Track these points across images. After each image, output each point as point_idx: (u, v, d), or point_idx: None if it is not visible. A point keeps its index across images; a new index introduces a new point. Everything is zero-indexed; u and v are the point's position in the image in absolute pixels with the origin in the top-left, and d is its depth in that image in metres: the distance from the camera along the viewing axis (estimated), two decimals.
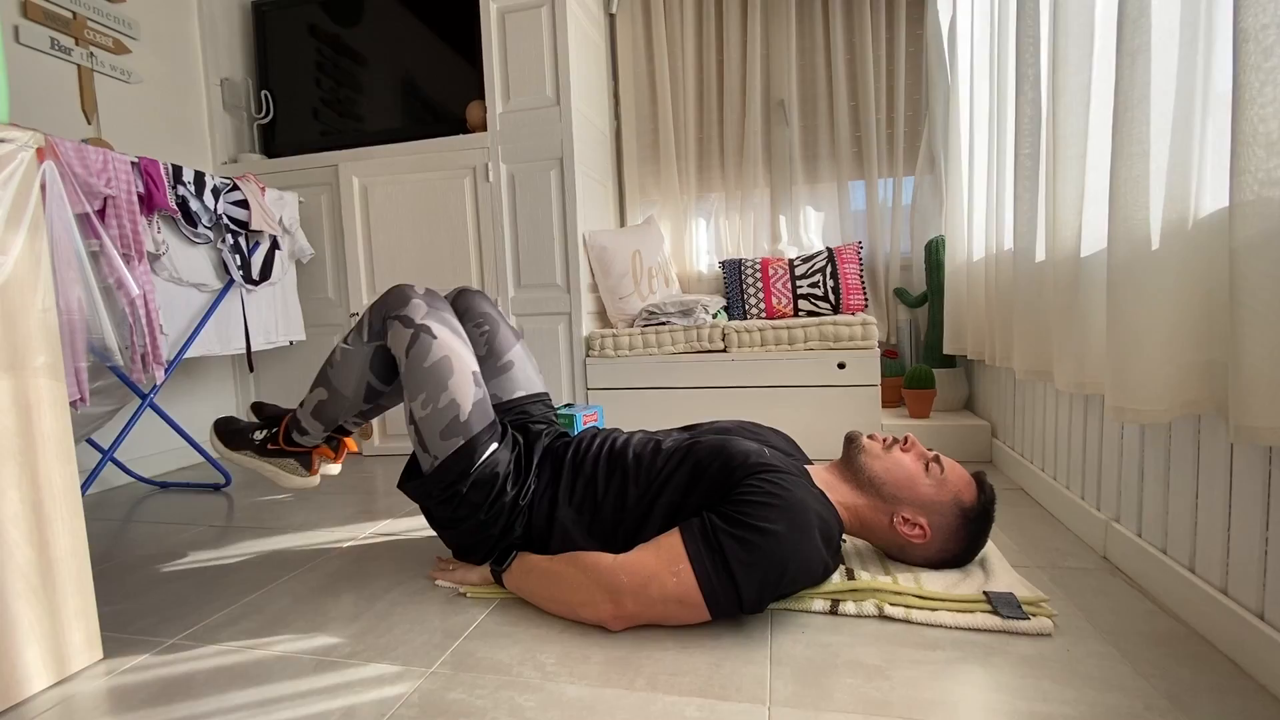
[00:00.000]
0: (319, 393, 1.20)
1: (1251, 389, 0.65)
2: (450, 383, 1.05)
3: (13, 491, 0.82)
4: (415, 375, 1.06)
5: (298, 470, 1.28)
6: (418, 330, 1.07)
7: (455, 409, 1.04)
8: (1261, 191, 0.63)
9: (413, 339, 1.06)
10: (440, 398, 1.04)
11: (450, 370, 1.05)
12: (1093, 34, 1.02)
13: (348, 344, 1.16)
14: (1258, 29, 0.62)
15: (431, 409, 1.04)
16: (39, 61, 1.80)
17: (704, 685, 0.79)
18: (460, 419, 1.04)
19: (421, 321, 1.07)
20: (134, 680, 0.86)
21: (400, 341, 1.08)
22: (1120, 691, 0.76)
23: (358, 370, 1.15)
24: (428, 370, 1.05)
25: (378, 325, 1.12)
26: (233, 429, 1.31)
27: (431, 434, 1.04)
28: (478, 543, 1.07)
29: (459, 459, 1.03)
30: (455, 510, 1.05)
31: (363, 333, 1.15)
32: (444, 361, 1.05)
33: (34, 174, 0.87)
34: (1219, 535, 0.84)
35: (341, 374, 1.16)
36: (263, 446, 1.28)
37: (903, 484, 1.03)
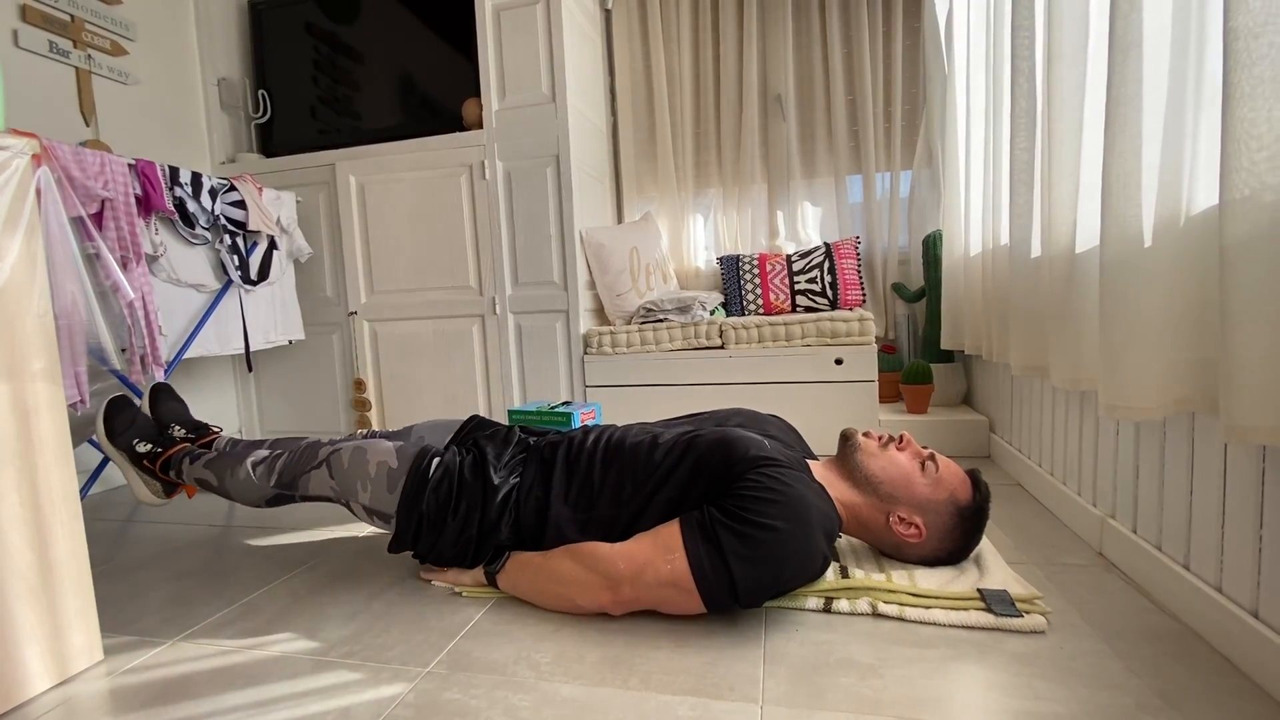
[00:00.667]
0: (209, 477, 1.24)
1: (1242, 389, 0.65)
2: (369, 455, 1.11)
3: (12, 495, 0.83)
4: (345, 481, 1.12)
5: (158, 492, 1.33)
6: (326, 459, 1.14)
7: (385, 466, 1.10)
8: (1252, 191, 0.63)
9: (328, 466, 1.13)
10: (371, 470, 1.10)
11: (364, 450, 1.12)
12: (1087, 28, 1.02)
13: (254, 477, 1.19)
14: (1247, 28, 0.62)
15: (370, 485, 1.10)
16: (38, 65, 1.80)
17: (697, 684, 0.80)
18: (393, 467, 1.09)
19: (326, 453, 1.15)
20: (134, 681, 0.87)
21: (322, 481, 1.14)
22: (1112, 690, 0.76)
23: (255, 498, 1.21)
24: (349, 467, 1.12)
25: (288, 479, 1.17)
26: (119, 424, 1.32)
27: (383, 500, 1.09)
28: (462, 550, 1.08)
29: (412, 485, 1.07)
30: (429, 532, 1.07)
31: (271, 476, 1.19)
32: (356, 451, 1.13)
33: (30, 180, 0.87)
34: (1213, 532, 0.85)
35: (240, 490, 1.21)
36: (139, 460, 1.31)
37: (899, 483, 1.03)
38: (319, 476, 1.14)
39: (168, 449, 1.31)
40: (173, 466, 1.29)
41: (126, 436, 1.31)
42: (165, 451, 1.31)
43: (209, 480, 1.24)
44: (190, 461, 1.28)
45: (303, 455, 1.17)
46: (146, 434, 1.33)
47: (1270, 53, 0.61)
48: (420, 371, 2.21)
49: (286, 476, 1.17)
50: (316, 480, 1.14)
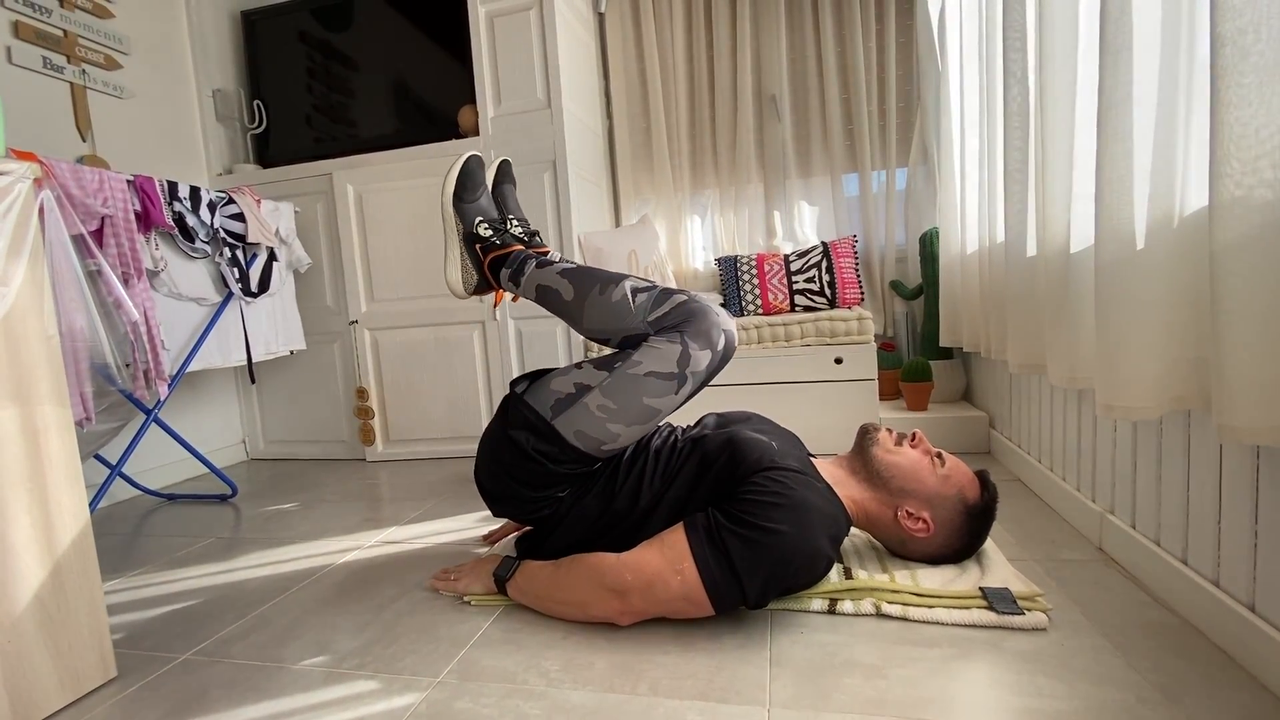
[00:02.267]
0: (565, 289, 1.08)
1: (1234, 390, 0.66)
2: (633, 425, 1.01)
3: (24, 517, 0.84)
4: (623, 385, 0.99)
5: (470, 285, 1.19)
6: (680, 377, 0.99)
7: (613, 438, 1.01)
8: (1240, 194, 0.64)
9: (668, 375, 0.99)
10: (623, 415, 1.00)
11: (650, 416, 1.01)
12: (1077, 30, 1.02)
13: (634, 303, 1.02)
14: (1234, 34, 0.63)
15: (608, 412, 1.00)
16: (32, 81, 1.80)
17: (705, 689, 0.81)
18: (605, 445, 1.02)
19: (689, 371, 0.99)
20: (148, 697, 0.88)
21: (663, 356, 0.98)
22: (1113, 685, 0.77)
23: (614, 325, 1.04)
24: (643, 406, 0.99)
25: (672, 322, 1.00)
26: (470, 187, 1.18)
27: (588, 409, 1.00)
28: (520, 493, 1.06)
29: (584, 449, 1.02)
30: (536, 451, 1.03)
31: (651, 307, 1.02)
32: (654, 414, 1.00)
33: (32, 204, 0.88)
34: (1210, 528, 0.86)
35: (601, 311, 1.04)
36: (473, 241, 1.17)
37: (909, 477, 1.04)
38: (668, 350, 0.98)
39: (506, 246, 1.16)
40: (507, 265, 1.15)
41: (474, 209, 1.18)
42: (503, 248, 1.16)
43: (560, 292, 1.08)
44: (539, 266, 1.12)
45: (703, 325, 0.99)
46: (491, 219, 1.19)
47: (1256, 59, 0.62)
48: (422, 379, 2.22)
49: (673, 319, 1.00)
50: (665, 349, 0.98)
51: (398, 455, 2.27)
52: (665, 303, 1.02)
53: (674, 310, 1.01)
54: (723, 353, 1.00)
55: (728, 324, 1.01)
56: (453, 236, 1.19)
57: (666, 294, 1.03)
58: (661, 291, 1.04)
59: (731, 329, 1.01)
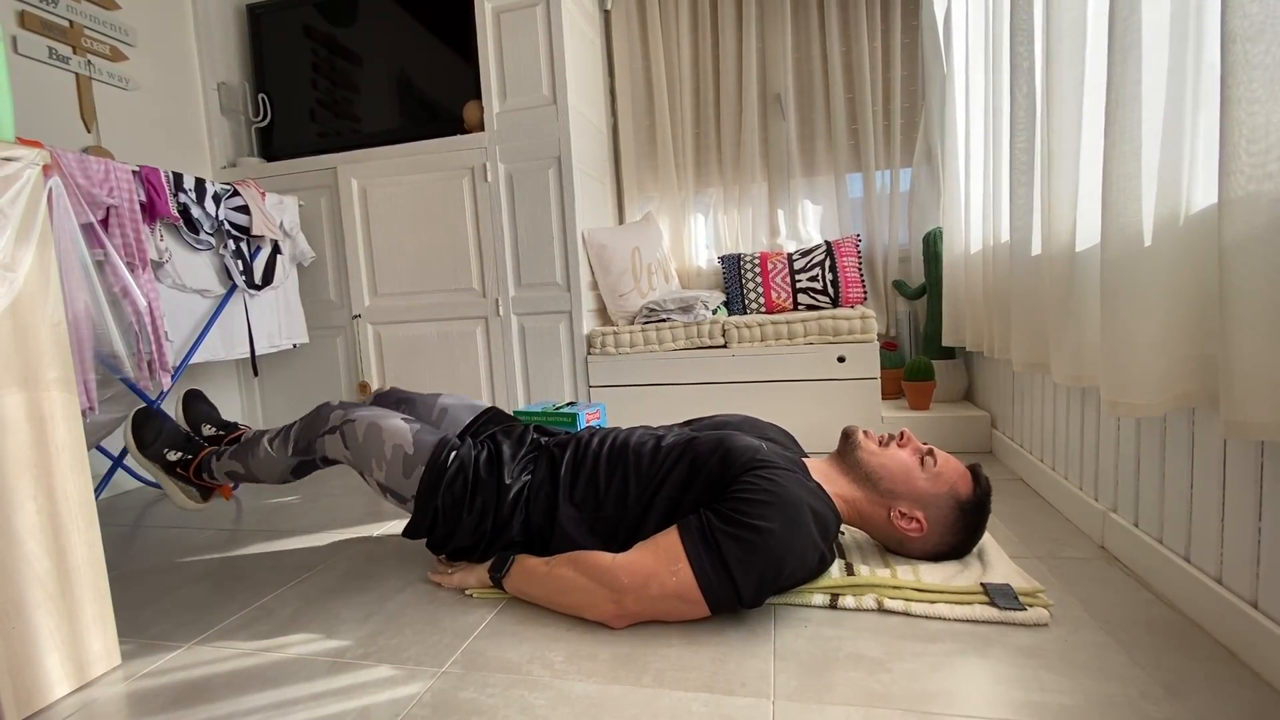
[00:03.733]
0: (236, 466, 1.29)
1: (1241, 385, 0.66)
2: (384, 436, 1.13)
3: (30, 503, 0.84)
4: (360, 454, 1.14)
5: (195, 497, 1.37)
6: (339, 427, 1.17)
7: (401, 450, 1.11)
8: (1250, 191, 0.64)
9: (342, 435, 1.16)
10: (385, 451, 1.12)
11: (379, 429, 1.14)
12: (1085, 29, 1.03)
13: (272, 450, 1.24)
14: (1245, 32, 0.63)
15: (385, 465, 1.12)
16: (38, 71, 1.81)
17: (709, 680, 0.81)
18: (409, 453, 1.11)
19: (339, 421, 1.17)
20: (152, 685, 0.88)
21: (336, 446, 1.17)
22: (1116, 680, 0.77)
23: (279, 472, 1.26)
24: (364, 443, 1.14)
25: (303, 444, 1.22)
26: (147, 435, 1.36)
27: (398, 481, 1.11)
28: (475, 543, 1.10)
29: (429, 477, 1.09)
30: (445, 523, 1.09)
31: (288, 446, 1.23)
32: (371, 428, 1.14)
33: (40, 191, 0.88)
34: (1213, 525, 0.86)
35: (263, 469, 1.27)
36: (171, 468, 1.35)
37: (899, 478, 1.04)
38: (333, 441, 1.17)
39: (197, 454, 1.35)
40: (204, 469, 1.33)
41: (157, 446, 1.35)
42: (195, 457, 1.35)
43: (237, 470, 1.29)
44: (217, 459, 1.32)
45: (314, 419, 1.21)
46: (176, 442, 1.37)
47: (1267, 58, 0.63)
48: (424, 374, 2.22)
49: (302, 442, 1.21)
50: (331, 444, 1.18)
51: None
52: (288, 438, 1.23)
53: (296, 437, 1.23)
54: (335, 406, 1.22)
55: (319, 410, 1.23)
56: (160, 475, 1.35)
57: (288, 429, 1.25)
58: (284, 429, 1.25)
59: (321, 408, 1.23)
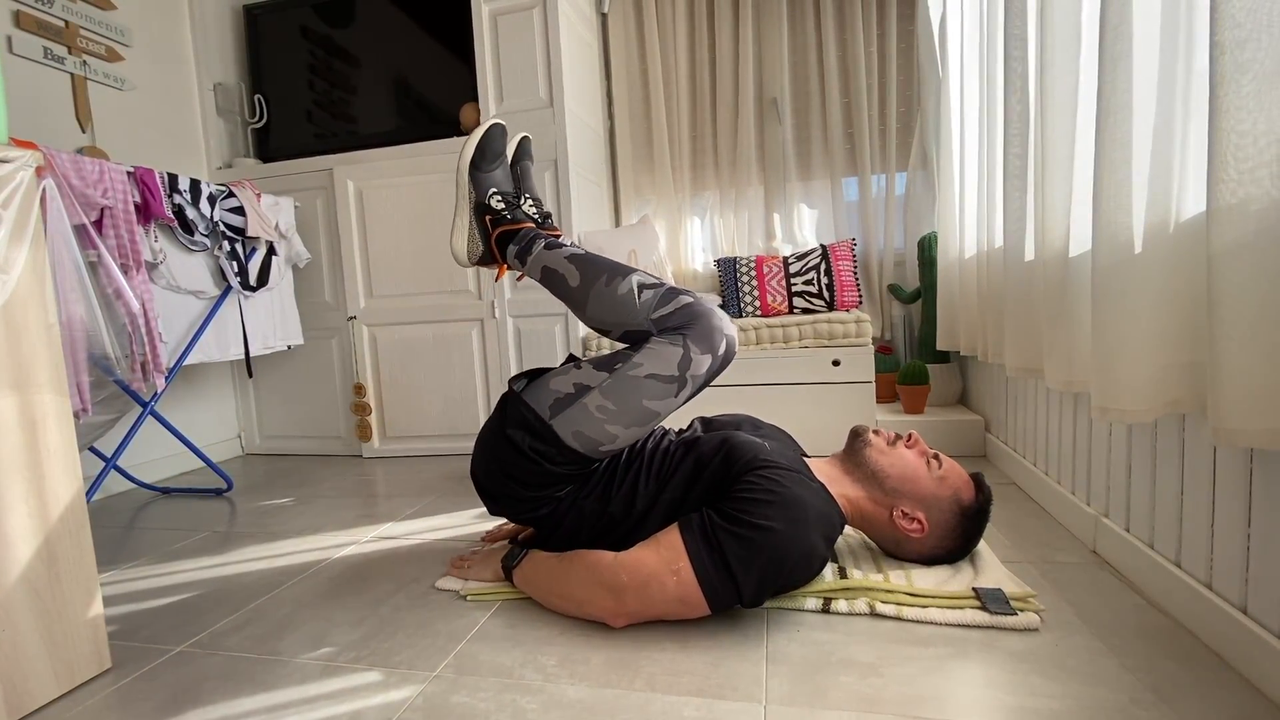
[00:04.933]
0: (571, 274, 1.07)
1: (1230, 393, 0.67)
2: (632, 427, 1.00)
3: (20, 505, 0.84)
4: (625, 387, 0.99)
5: (473, 254, 1.17)
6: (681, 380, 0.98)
7: (611, 438, 1.01)
8: (1238, 200, 0.65)
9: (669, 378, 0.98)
10: (621, 417, 1.00)
11: (648, 418, 1.00)
12: (1079, 37, 1.03)
13: (639, 299, 1.02)
14: (1233, 42, 0.64)
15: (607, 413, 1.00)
16: (33, 71, 1.80)
17: (701, 685, 0.81)
18: (602, 445, 1.02)
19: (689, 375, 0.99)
20: (143, 688, 0.88)
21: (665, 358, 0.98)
22: (1106, 685, 0.78)
23: (614, 318, 1.04)
24: (643, 408, 0.99)
25: (675, 323, 1.00)
26: (491, 155, 1.17)
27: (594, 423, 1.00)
28: (516, 491, 1.05)
29: (582, 450, 1.01)
30: (533, 450, 1.02)
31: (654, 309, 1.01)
32: (653, 417, 1.00)
33: (34, 192, 0.88)
34: (1203, 531, 0.86)
35: (605, 303, 1.04)
36: (484, 212, 1.15)
37: (905, 478, 1.04)
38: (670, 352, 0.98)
39: (517, 222, 1.15)
40: (515, 241, 1.13)
41: (490, 179, 1.16)
42: (513, 223, 1.14)
43: (566, 277, 1.07)
44: (547, 247, 1.11)
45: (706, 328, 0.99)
46: (504, 190, 1.18)
47: (1254, 66, 0.63)
48: (420, 376, 2.22)
49: (676, 321, 1.00)
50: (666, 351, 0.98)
51: (394, 452, 2.26)
52: (670, 302, 1.02)
53: (678, 311, 1.01)
54: (723, 357, 1.00)
55: (730, 329, 1.01)
56: (463, 204, 1.17)
57: (672, 293, 1.03)
58: (668, 290, 1.03)
59: (733, 334, 1.01)
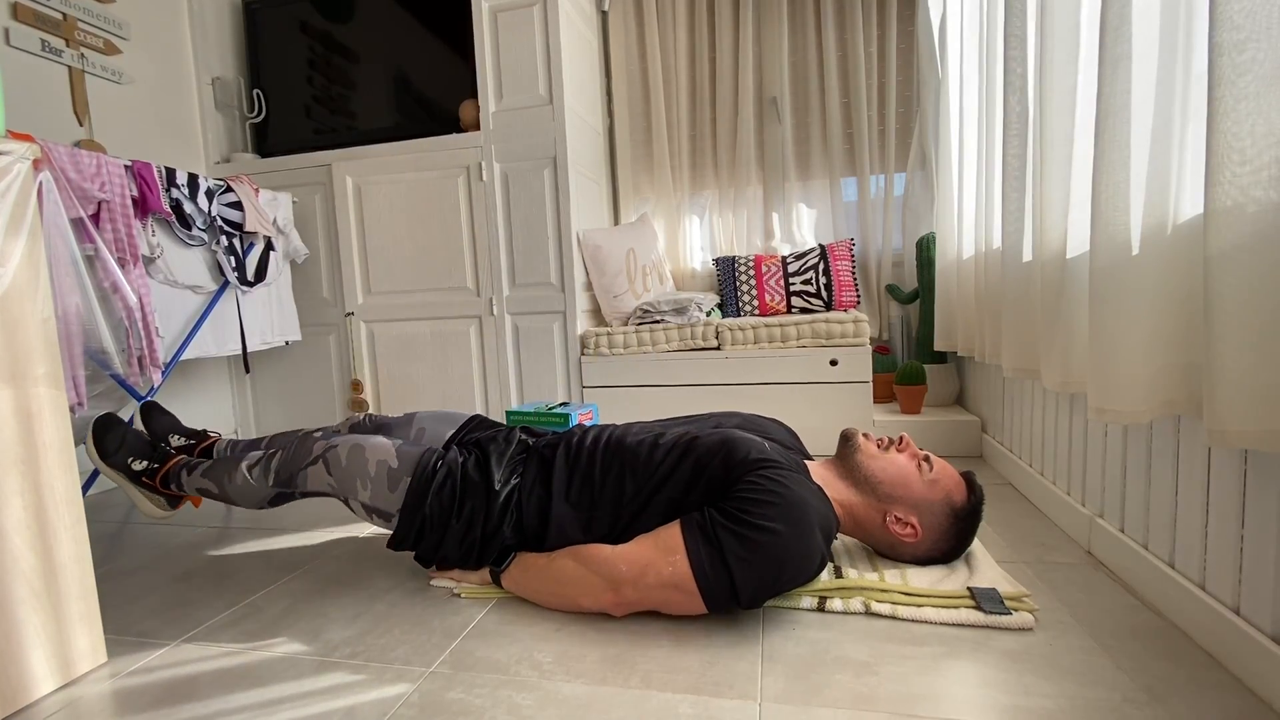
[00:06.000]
0: (210, 486, 1.24)
1: (1225, 394, 0.67)
2: (368, 454, 1.11)
3: (16, 499, 0.83)
4: (344, 478, 1.11)
5: (162, 505, 1.32)
6: (322, 455, 1.13)
7: (385, 465, 1.09)
8: (1235, 203, 0.65)
9: (325, 463, 1.13)
10: (370, 470, 1.09)
11: (362, 449, 1.11)
12: (1078, 39, 1.04)
13: (252, 479, 1.19)
14: (1232, 45, 0.64)
15: (370, 484, 1.09)
16: (30, 64, 1.79)
17: (697, 682, 0.81)
18: (394, 466, 1.09)
19: (322, 450, 1.14)
20: (138, 683, 0.88)
21: (320, 477, 1.13)
22: (1100, 685, 0.78)
23: (256, 500, 1.21)
24: (348, 465, 1.11)
25: (285, 476, 1.17)
26: (109, 443, 1.31)
27: (384, 498, 1.09)
28: (467, 551, 1.08)
29: (416, 485, 1.07)
30: (433, 533, 1.07)
31: (269, 476, 1.19)
32: (354, 449, 1.12)
33: (31, 185, 0.87)
34: (1197, 532, 0.87)
35: (240, 494, 1.22)
36: (137, 478, 1.30)
37: (897, 483, 1.05)
38: (316, 472, 1.14)
39: (165, 464, 1.30)
40: (172, 480, 1.29)
41: (120, 456, 1.31)
42: (162, 467, 1.30)
43: (209, 489, 1.24)
44: (188, 473, 1.27)
45: (297, 451, 1.17)
46: (140, 451, 1.32)
47: (1253, 68, 0.63)
48: (418, 372, 2.22)
49: (284, 474, 1.17)
50: (314, 476, 1.14)
51: None
52: (269, 468, 1.18)
53: (278, 468, 1.17)
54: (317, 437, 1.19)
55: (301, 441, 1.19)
56: (124, 485, 1.31)
57: (269, 458, 1.19)
58: (266, 457, 1.20)
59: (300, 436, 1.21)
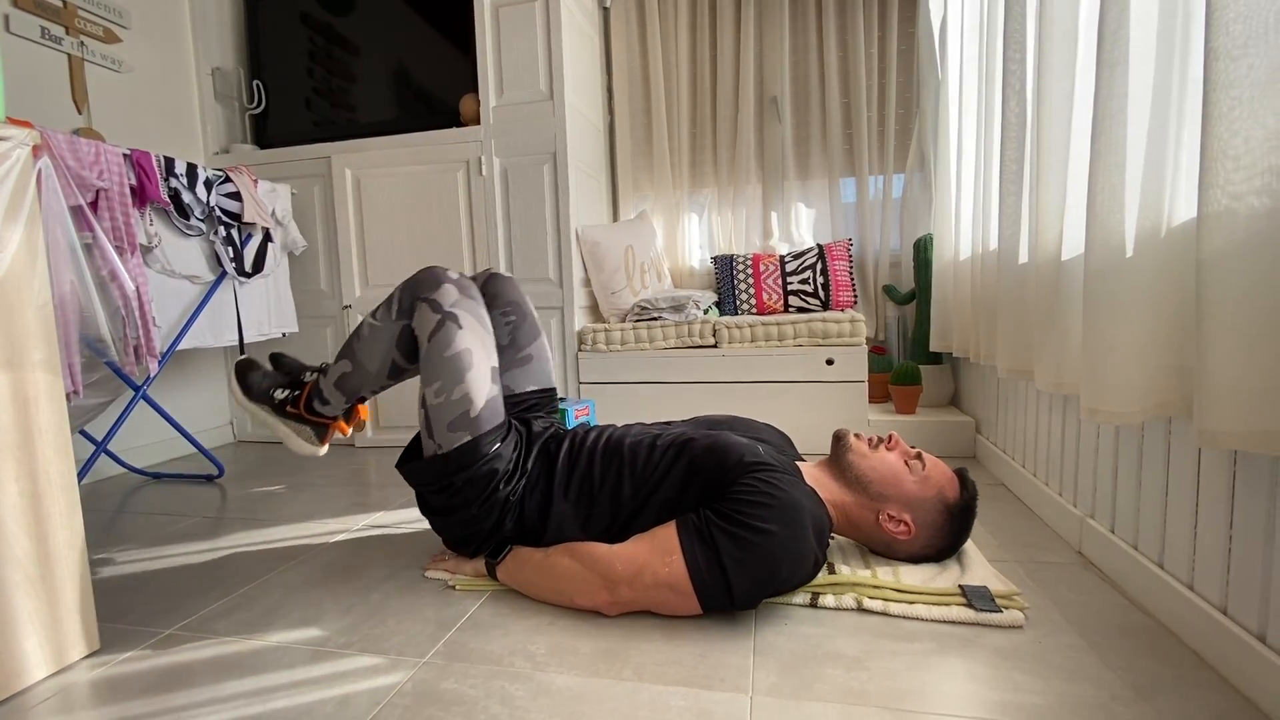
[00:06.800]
0: (344, 365, 1.19)
1: (1215, 396, 0.68)
2: (467, 376, 1.04)
3: (12, 485, 0.83)
4: (434, 362, 1.05)
5: (311, 439, 1.26)
6: (444, 317, 1.06)
7: (467, 404, 1.04)
8: (1228, 205, 0.66)
9: (438, 325, 1.06)
10: (454, 390, 1.04)
11: (469, 364, 1.05)
12: (1076, 42, 1.04)
13: (375, 320, 1.15)
14: (1227, 50, 0.64)
15: (444, 399, 1.04)
16: (29, 51, 1.79)
17: (689, 675, 0.82)
18: (470, 414, 1.04)
19: (449, 309, 1.07)
20: (131, 670, 0.88)
21: (425, 325, 1.07)
22: (1087, 682, 0.79)
23: (383, 347, 1.15)
24: (447, 360, 1.04)
25: (406, 304, 1.12)
26: (253, 380, 1.28)
27: (440, 423, 1.04)
28: (469, 535, 1.08)
29: (461, 455, 1.03)
30: (450, 499, 1.06)
31: (391, 310, 1.14)
32: (464, 354, 1.05)
33: (30, 171, 0.87)
34: (1186, 532, 0.88)
35: (367, 349, 1.15)
36: (281, 407, 1.25)
37: (888, 481, 1.05)
38: (428, 319, 1.07)
39: (304, 388, 1.25)
40: (314, 397, 1.23)
41: (264, 387, 1.26)
42: (304, 389, 1.24)
43: (345, 369, 1.18)
44: (325, 376, 1.22)
45: (423, 279, 1.11)
46: (280, 381, 1.28)
47: (1249, 75, 0.64)
48: None
49: (405, 301, 1.11)
50: (423, 318, 1.07)
51: (387, 442, 2.26)
52: (390, 300, 1.15)
53: (400, 297, 1.13)
54: (450, 278, 1.11)
55: (434, 270, 1.12)
56: (269, 420, 1.27)
57: (389, 298, 1.16)
58: (388, 299, 1.16)
59: (437, 271, 1.12)
